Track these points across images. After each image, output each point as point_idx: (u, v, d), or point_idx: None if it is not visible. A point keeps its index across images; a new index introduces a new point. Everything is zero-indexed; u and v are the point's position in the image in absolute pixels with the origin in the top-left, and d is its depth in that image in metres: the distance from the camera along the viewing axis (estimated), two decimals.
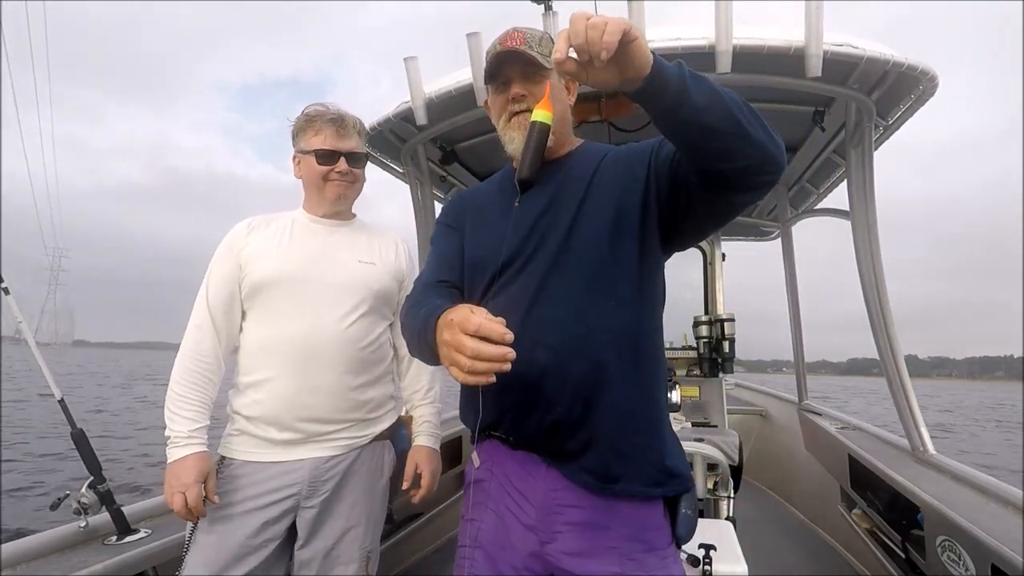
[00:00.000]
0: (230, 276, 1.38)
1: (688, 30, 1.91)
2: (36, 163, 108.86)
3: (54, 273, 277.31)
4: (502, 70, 1.09)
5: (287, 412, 1.32)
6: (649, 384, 1.02)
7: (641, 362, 1.01)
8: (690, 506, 1.05)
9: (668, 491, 1.02)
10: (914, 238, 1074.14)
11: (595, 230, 1.02)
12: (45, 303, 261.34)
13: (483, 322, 0.74)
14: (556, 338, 0.98)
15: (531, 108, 1.05)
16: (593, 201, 1.05)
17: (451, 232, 1.19)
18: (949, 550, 1.66)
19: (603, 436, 0.98)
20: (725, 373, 3.57)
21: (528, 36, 1.08)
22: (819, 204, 3.29)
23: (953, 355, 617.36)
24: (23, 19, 25.49)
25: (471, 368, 0.74)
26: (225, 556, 1.26)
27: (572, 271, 1.01)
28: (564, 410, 0.98)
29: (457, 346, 0.75)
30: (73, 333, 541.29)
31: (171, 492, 1.23)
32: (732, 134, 0.82)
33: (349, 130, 1.43)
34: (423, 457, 1.48)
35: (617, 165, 1.07)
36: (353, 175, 1.45)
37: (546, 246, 1.04)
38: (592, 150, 1.15)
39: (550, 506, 1.00)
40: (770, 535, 3.23)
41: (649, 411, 1.01)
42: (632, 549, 0.97)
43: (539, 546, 0.99)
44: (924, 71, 1.91)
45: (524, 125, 1.05)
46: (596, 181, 1.07)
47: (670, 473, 1.01)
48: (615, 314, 1.00)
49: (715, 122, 0.81)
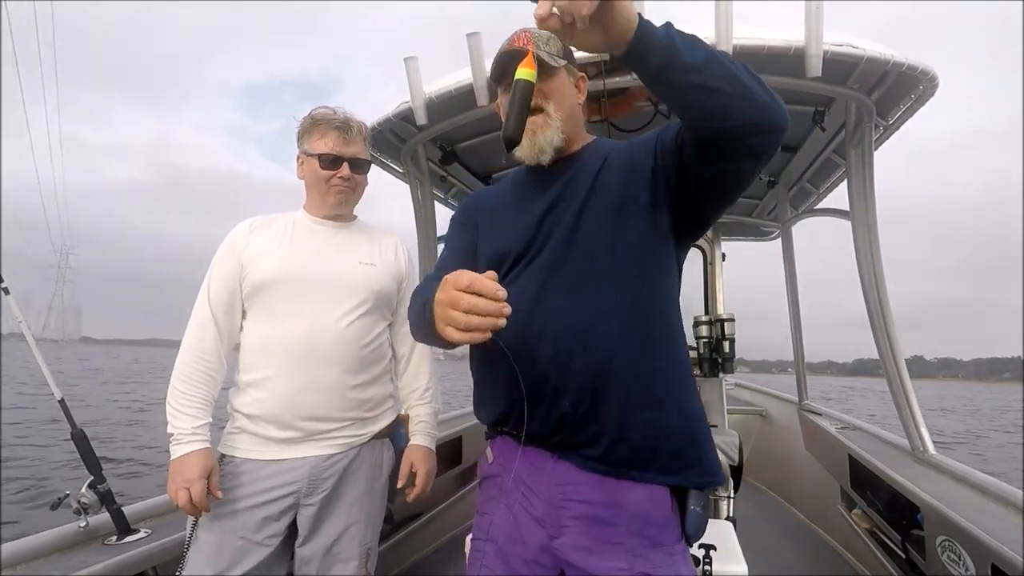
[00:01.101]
0: (231, 275, 1.38)
1: (688, 30, 1.91)
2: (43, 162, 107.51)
3: (61, 270, 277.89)
4: (508, 69, 1.09)
5: (287, 410, 1.33)
6: (663, 375, 1.00)
7: (652, 354, 0.99)
8: (700, 503, 1.02)
9: (683, 480, 0.99)
10: (918, 237, 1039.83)
11: (599, 224, 1.03)
12: (52, 300, 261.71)
13: (475, 278, 0.74)
14: (561, 331, 0.99)
15: (539, 106, 1.07)
16: (598, 195, 1.05)
17: (464, 229, 1.21)
18: (949, 550, 1.66)
19: (612, 429, 0.97)
20: (725, 373, 3.57)
21: (535, 36, 1.08)
22: (819, 204, 3.29)
23: (960, 356, 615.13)
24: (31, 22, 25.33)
25: (467, 324, 0.73)
26: (227, 554, 1.27)
27: (577, 265, 1.02)
28: (570, 404, 0.98)
29: (451, 302, 0.75)
30: (80, 330, 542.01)
31: (175, 488, 1.23)
32: (730, 93, 0.81)
33: (354, 136, 1.44)
34: (418, 456, 1.49)
35: (621, 158, 1.08)
36: (355, 181, 1.46)
37: (552, 241, 1.05)
38: (601, 146, 1.15)
39: (557, 500, 1.00)
40: (770, 535, 3.22)
41: (663, 402, 0.99)
42: (638, 544, 0.97)
43: (548, 540, 1.00)
44: (924, 71, 1.91)
45: (531, 129, 1.05)
46: (602, 176, 1.07)
47: (687, 463, 0.99)
48: (621, 307, 0.99)
49: (710, 80, 0.81)
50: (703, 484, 1.01)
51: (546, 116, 1.07)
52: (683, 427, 1.00)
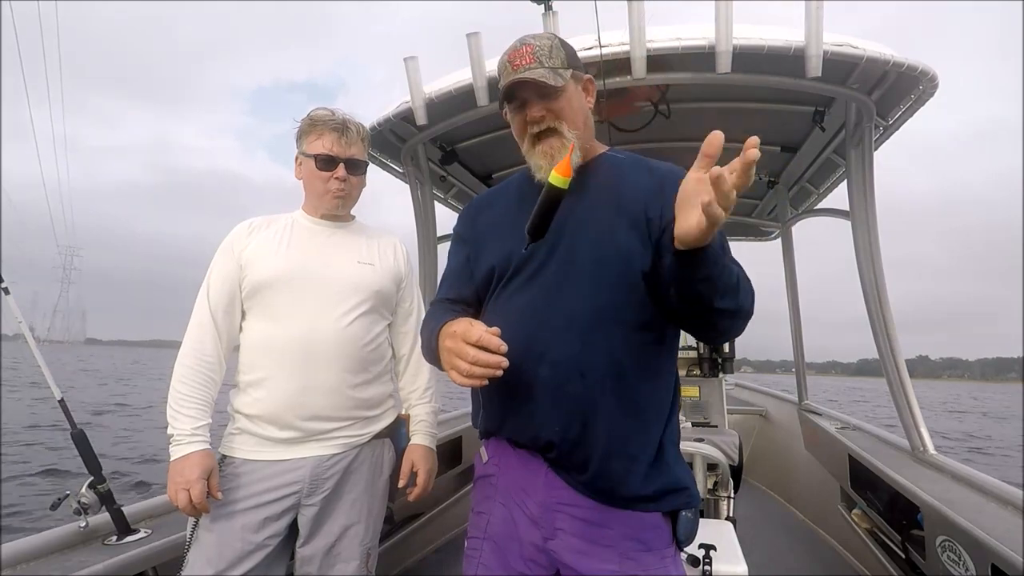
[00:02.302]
0: (231, 276, 1.39)
1: (688, 30, 1.91)
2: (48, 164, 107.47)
3: (66, 272, 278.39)
4: (516, 93, 1.07)
5: (287, 410, 1.33)
6: (653, 407, 1.02)
7: (644, 385, 1.01)
8: (690, 508, 1.05)
9: (664, 507, 1.01)
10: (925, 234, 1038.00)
11: (603, 252, 1.02)
12: (58, 302, 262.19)
13: (483, 334, 0.84)
14: (558, 356, 0.99)
15: (552, 128, 1.06)
16: (604, 223, 1.04)
17: (462, 246, 1.21)
18: (949, 550, 1.66)
19: (598, 457, 0.98)
20: (725, 373, 3.57)
21: (536, 50, 1.05)
22: (819, 204, 3.29)
23: (966, 356, 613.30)
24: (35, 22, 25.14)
25: (469, 372, 0.85)
26: (227, 554, 1.27)
27: (579, 290, 1.01)
28: (560, 429, 0.99)
29: (459, 353, 0.86)
30: (85, 331, 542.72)
31: (175, 489, 1.23)
32: (732, 318, 0.92)
33: (352, 137, 1.43)
34: (419, 456, 1.49)
35: (635, 193, 1.05)
36: (351, 182, 1.45)
37: (556, 261, 1.04)
38: (612, 164, 1.13)
39: (550, 504, 1.01)
40: (770, 535, 3.22)
41: (649, 433, 1.01)
42: (630, 548, 0.98)
43: (543, 541, 1.01)
44: (924, 71, 1.92)
45: (549, 153, 1.05)
46: (608, 197, 1.06)
47: (668, 491, 1.01)
48: (619, 337, 0.99)
49: (724, 303, 0.89)
50: (684, 505, 1.03)
51: (561, 138, 1.05)
52: (667, 451, 1.03)
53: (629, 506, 0.99)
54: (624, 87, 2.02)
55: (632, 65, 1.89)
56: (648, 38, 1.86)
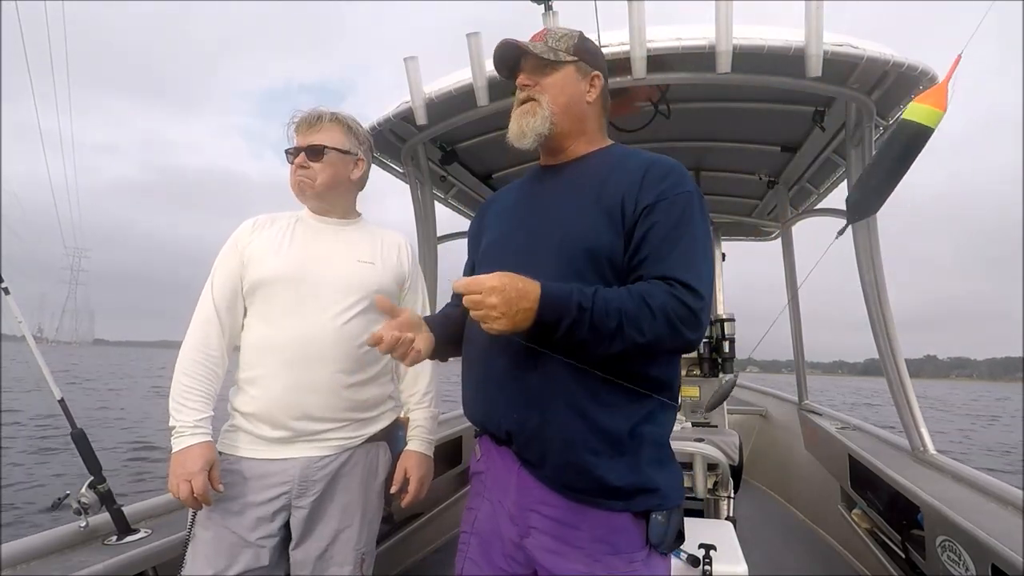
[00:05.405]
0: (234, 273, 1.39)
1: (688, 30, 1.91)
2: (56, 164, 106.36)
3: (74, 273, 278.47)
4: (506, 61, 1.14)
5: (280, 410, 1.32)
6: (620, 399, 0.98)
7: (610, 383, 0.97)
8: (662, 512, 1.00)
9: (635, 507, 0.98)
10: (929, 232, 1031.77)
11: (568, 233, 1.03)
12: (66, 302, 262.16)
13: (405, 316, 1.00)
14: (521, 344, 0.95)
15: (533, 98, 1.11)
16: (576, 208, 1.06)
17: (471, 246, 1.28)
18: (949, 550, 1.66)
19: (557, 451, 0.98)
20: (725, 373, 3.57)
21: (550, 33, 1.13)
22: (819, 204, 3.29)
23: (973, 355, 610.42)
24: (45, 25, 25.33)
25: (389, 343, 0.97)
26: (223, 552, 1.27)
27: (544, 270, 0.98)
28: (519, 418, 1.00)
29: None
30: (93, 332, 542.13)
31: (176, 481, 1.23)
32: (639, 354, 0.94)
33: (316, 124, 1.42)
34: (412, 463, 1.47)
35: (617, 185, 1.05)
36: (314, 168, 1.41)
37: (526, 238, 1.09)
38: (607, 156, 1.15)
39: (524, 502, 1.02)
40: (770, 535, 3.22)
41: (615, 426, 0.98)
42: (597, 551, 0.97)
43: (519, 538, 1.02)
44: (924, 71, 1.91)
45: (519, 119, 1.11)
46: (600, 187, 1.06)
47: (639, 490, 0.98)
48: None
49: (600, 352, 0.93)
50: (656, 507, 0.99)
51: (536, 105, 1.11)
52: (638, 448, 0.99)
53: (597, 502, 0.97)
54: (624, 87, 2.02)
55: (632, 65, 1.89)
56: (648, 38, 1.86)
